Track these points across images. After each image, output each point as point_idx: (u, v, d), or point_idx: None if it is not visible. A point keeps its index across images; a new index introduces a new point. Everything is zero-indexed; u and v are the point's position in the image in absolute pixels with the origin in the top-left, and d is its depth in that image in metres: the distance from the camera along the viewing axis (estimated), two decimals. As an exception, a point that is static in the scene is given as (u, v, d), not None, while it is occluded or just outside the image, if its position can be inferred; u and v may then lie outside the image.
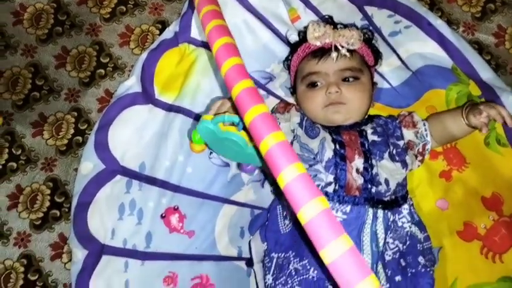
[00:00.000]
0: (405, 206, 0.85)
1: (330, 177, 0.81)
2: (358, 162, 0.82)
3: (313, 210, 0.46)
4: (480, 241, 0.90)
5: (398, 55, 1.02)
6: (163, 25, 1.05)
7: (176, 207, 0.94)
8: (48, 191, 0.95)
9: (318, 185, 0.81)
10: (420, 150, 0.90)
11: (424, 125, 0.91)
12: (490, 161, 0.93)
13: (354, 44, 0.89)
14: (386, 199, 0.82)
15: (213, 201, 0.96)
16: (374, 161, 0.83)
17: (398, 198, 0.84)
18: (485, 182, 0.92)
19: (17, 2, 1.06)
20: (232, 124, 0.72)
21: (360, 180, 0.81)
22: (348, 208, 0.79)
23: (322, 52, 0.90)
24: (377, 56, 0.96)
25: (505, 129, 0.91)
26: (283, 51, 1.02)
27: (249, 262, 0.92)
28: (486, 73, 0.95)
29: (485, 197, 0.91)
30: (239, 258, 0.94)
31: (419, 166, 0.92)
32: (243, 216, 0.96)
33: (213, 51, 0.62)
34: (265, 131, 0.52)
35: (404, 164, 0.86)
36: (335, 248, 0.45)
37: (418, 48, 1.01)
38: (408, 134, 0.90)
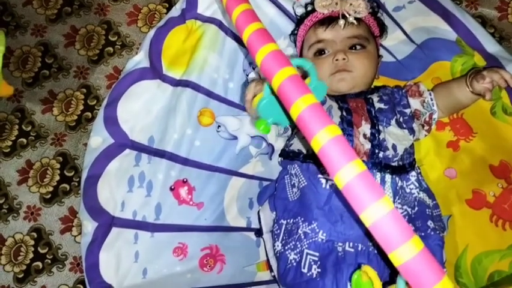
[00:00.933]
0: (413, 173, 0.86)
1: None
2: (365, 127, 0.83)
3: (351, 173, 0.44)
4: (489, 209, 0.90)
5: (402, 29, 1.03)
6: (170, 4, 1.07)
7: (185, 179, 0.94)
8: (58, 166, 0.96)
9: None
10: (427, 119, 0.91)
11: (430, 94, 0.92)
12: (496, 130, 0.93)
13: (361, 12, 0.90)
14: (393, 164, 0.82)
15: (222, 173, 0.97)
16: (381, 127, 0.84)
17: (406, 165, 0.85)
18: (493, 151, 0.92)
19: (26, -18, 1.08)
20: None
21: (367, 145, 0.81)
22: (356, 172, 0.79)
23: (329, 20, 0.91)
24: (382, 28, 0.97)
25: (511, 98, 0.91)
26: (288, 26, 1.03)
27: (259, 232, 0.92)
28: (491, 45, 0.96)
29: (493, 165, 0.91)
30: (248, 228, 0.95)
31: (425, 136, 0.93)
32: (252, 188, 0.97)
33: (233, 19, 0.60)
34: (295, 95, 0.50)
35: (411, 131, 0.86)
36: (375, 210, 0.43)
37: (422, 22, 1.02)
38: (414, 103, 0.91)
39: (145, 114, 0.96)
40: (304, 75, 0.75)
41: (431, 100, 0.91)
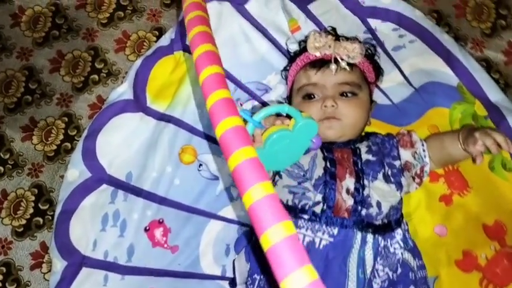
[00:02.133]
0: (399, 230, 0.81)
1: (319, 197, 0.77)
2: (349, 181, 0.78)
3: (278, 236, 0.41)
4: (480, 272, 0.86)
5: (400, 70, 0.98)
6: (160, 32, 1.04)
7: (161, 220, 0.91)
8: (33, 198, 0.94)
9: (306, 204, 0.78)
10: (418, 172, 0.86)
11: (423, 145, 0.87)
12: (494, 186, 0.89)
13: (355, 57, 0.85)
14: (377, 223, 0.78)
15: (200, 215, 0.94)
16: (366, 182, 0.79)
17: (392, 222, 0.80)
18: (488, 209, 0.87)
19: (16, 4, 1.07)
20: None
21: (350, 202, 0.77)
22: (335, 230, 0.75)
23: (321, 63, 0.87)
24: (378, 72, 0.92)
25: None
26: (281, 62, 0.99)
27: (233, 282, 0.88)
28: (494, 93, 0.92)
29: (487, 224, 0.87)
30: (222, 277, 0.91)
31: (416, 189, 0.88)
32: (230, 233, 0.93)
33: (194, 58, 0.59)
34: (236, 146, 0.48)
35: (399, 186, 0.81)
36: (297, 280, 0.39)
37: (422, 63, 0.97)
38: (405, 154, 0.86)
39: (124, 148, 0.94)
40: (289, 115, 0.72)
41: (424, 151, 0.86)
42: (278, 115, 0.74)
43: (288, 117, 0.71)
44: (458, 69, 0.95)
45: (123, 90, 0.96)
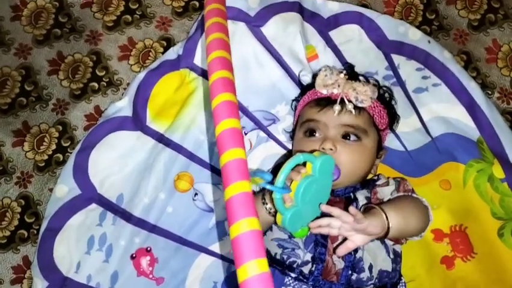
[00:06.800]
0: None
1: (308, 256, 0.76)
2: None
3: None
4: None
5: (419, 116, 0.95)
6: (169, 43, 1.01)
7: (149, 248, 0.91)
8: (19, 209, 0.94)
9: (294, 262, 0.78)
10: None
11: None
12: (500, 257, 0.89)
13: (363, 101, 0.83)
14: (367, 288, 0.75)
15: (190, 248, 0.94)
16: None
17: (387, 285, 0.77)
18: (490, 281, 0.87)
19: (18, -5, 1.01)
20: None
21: (340, 265, 0.77)
22: (322, 294, 0.73)
23: (327, 101, 0.85)
24: (393, 119, 0.88)
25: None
26: (292, 91, 0.98)
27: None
28: None
29: (488, 298, 0.84)
30: (207, 317, 0.90)
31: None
32: (219, 270, 0.94)
33: (210, 82, 0.60)
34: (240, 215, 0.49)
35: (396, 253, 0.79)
36: None
37: (444, 111, 0.95)
38: None
39: (118, 168, 0.93)
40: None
41: None
42: None
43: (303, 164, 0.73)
44: (480, 121, 0.92)
45: (122, 106, 0.94)
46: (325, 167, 0.72)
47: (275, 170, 0.88)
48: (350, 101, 0.82)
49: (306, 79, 0.95)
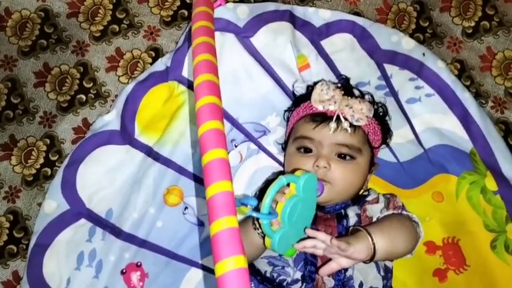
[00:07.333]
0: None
1: (298, 275, 0.77)
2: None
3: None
4: None
5: (412, 127, 0.94)
6: (157, 53, 0.99)
7: (139, 263, 0.91)
8: (8, 224, 0.93)
9: (284, 280, 0.78)
10: None
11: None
12: (492, 268, 0.89)
13: (359, 120, 0.82)
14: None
15: (180, 262, 0.93)
16: None
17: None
18: None
19: (2, 5, 1.01)
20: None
21: (330, 284, 0.77)
22: (311, 314, 0.74)
23: (323, 118, 0.83)
24: (386, 135, 0.87)
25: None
26: (283, 103, 0.97)
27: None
28: (508, 166, 0.88)
29: (480, 311, 0.84)
30: (198, 332, 0.90)
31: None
32: (210, 285, 0.90)
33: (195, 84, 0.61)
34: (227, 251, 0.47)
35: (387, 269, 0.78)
36: None
37: (436, 122, 0.94)
38: None
39: (107, 182, 0.92)
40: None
41: None
42: None
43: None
44: (474, 133, 0.91)
45: (109, 119, 0.93)
46: (309, 184, 0.73)
47: (261, 192, 0.88)
48: (345, 119, 0.82)
49: (299, 90, 0.93)
